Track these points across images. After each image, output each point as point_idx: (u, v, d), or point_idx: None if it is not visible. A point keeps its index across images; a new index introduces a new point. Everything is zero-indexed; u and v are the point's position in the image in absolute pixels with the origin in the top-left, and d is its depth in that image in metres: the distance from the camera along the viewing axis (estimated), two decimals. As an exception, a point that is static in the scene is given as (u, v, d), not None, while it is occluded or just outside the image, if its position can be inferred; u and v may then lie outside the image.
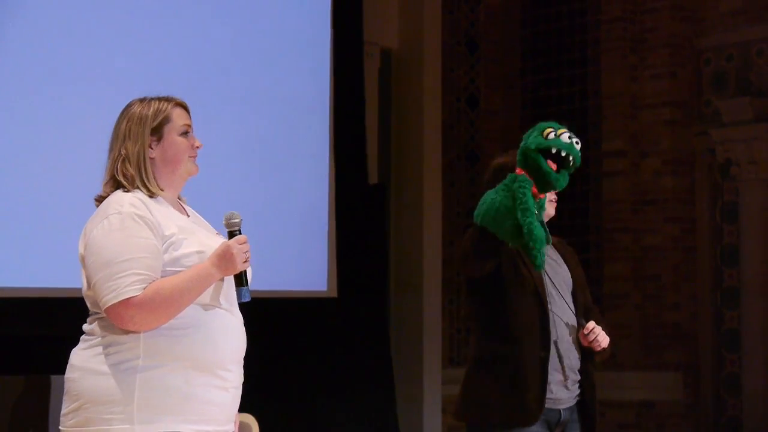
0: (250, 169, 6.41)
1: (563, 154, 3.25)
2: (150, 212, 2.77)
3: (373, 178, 7.54)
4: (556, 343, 3.62)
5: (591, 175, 8.05)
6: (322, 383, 6.84)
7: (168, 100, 2.91)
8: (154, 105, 2.88)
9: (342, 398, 6.79)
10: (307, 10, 6.89)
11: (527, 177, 3.23)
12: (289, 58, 6.73)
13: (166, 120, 2.87)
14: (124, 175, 2.81)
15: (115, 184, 2.83)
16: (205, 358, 2.75)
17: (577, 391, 3.69)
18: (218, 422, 2.80)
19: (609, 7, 7.95)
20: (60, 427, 2.79)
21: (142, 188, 2.81)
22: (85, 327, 2.81)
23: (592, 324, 3.63)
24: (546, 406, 3.60)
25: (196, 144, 2.92)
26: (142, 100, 2.90)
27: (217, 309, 2.80)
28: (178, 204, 2.94)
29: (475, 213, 3.31)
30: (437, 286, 7.86)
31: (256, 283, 3.07)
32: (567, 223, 8.08)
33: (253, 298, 2.97)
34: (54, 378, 5.11)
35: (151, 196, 2.81)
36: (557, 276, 3.73)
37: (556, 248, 3.81)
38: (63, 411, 2.77)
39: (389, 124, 8.10)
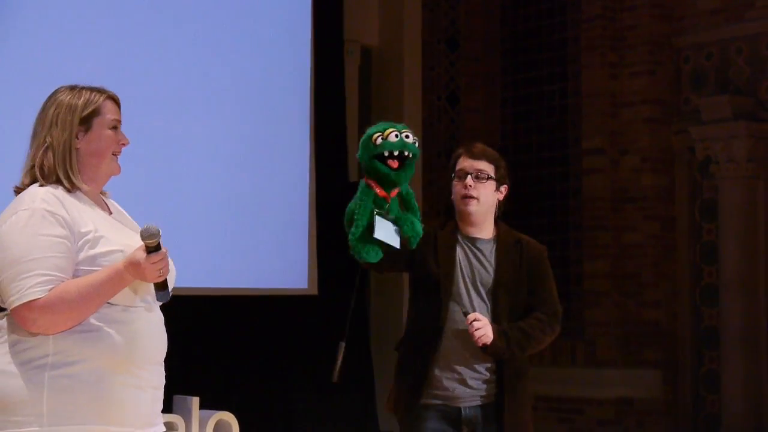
0: (231, 166, 6.39)
1: (396, 153, 3.28)
2: (64, 208, 2.62)
3: (353, 176, 7.53)
4: (452, 339, 3.66)
5: (571, 172, 8.07)
6: (302, 381, 6.84)
7: (100, 91, 2.76)
8: (85, 95, 2.74)
9: (322, 396, 6.79)
10: (287, 8, 6.88)
11: (367, 185, 3.35)
12: (270, 56, 6.72)
13: (96, 112, 2.72)
14: (45, 165, 2.67)
15: (34, 174, 2.68)
16: (120, 357, 2.59)
17: (485, 391, 3.69)
18: (135, 424, 2.64)
19: (589, 5, 7.96)
20: None
21: (64, 180, 2.66)
22: None
23: (473, 316, 3.62)
24: (442, 402, 3.67)
25: (123, 141, 2.76)
26: (72, 88, 2.76)
27: (135, 308, 2.65)
28: (101, 200, 2.79)
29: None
30: (417, 283, 7.85)
31: (239, 280, 3.05)
32: (547, 221, 8.10)
33: (235, 296, 2.94)
34: None
35: (70, 190, 2.67)
36: (475, 276, 3.74)
37: (500, 247, 3.78)
38: None
39: (369, 121, 8.08)
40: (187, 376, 5.62)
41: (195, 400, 5.11)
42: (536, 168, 8.25)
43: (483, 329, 3.60)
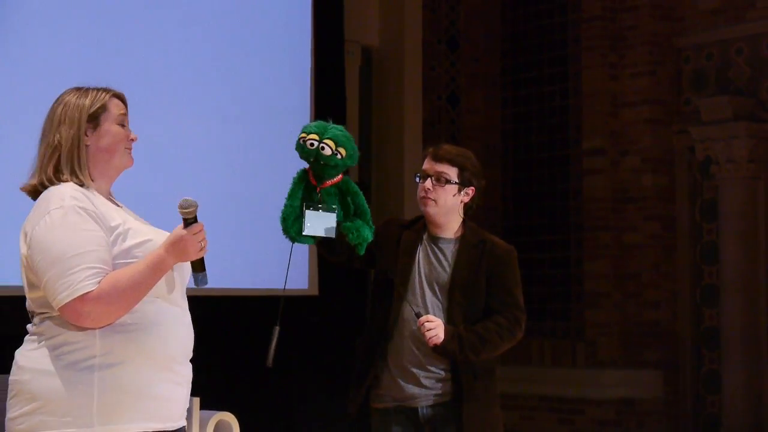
0: (231, 167, 6.39)
1: (322, 162, 3.36)
2: (93, 204, 2.67)
3: (353, 177, 7.53)
4: (404, 339, 3.67)
5: (571, 173, 8.07)
6: (302, 381, 6.84)
7: (106, 90, 2.82)
8: (92, 93, 2.80)
9: (323, 397, 6.78)
10: (287, 8, 6.88)
11: (305, 171, 3.46)
12: (270, 57, 6.72)
13: (103, 109, 2.78)
14: (55, 164, 2.71)
15: (44, 173, 2.71)
16: (161, 354, 2.67)
17: (442, 389, 3.68)
18: (173, 419, 2.73)
19: (589, 5, 7.97)
20: None
21: (72, 178, 2.70)
22: (32, 328, 2.71)
23: (425, 318, 3.60)
24: (399, 403, 3.68)
25: (132, 136, 2.82)
26: (78, 89, 2.81)
27: (169, 303, 2.73)
28: (110, 197, 2.83)
29: None
30: (418, 284, 7.85)
31: (239, 281, 3.06)
32: (547, 221, 8.10)
33: (235, 296, 2.95)
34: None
35: (81, 186, 2.70)
36: (432, 275, 3.73)
37: (462, 248, 3.77)
38: (11, 415, 2.66)
39: (370, 122, 8.10)
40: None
41: (195, 401, 5.11)
42: (536, 168, 8.25)
43: (435, 330, 3.58)
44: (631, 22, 7.86)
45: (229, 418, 5.25)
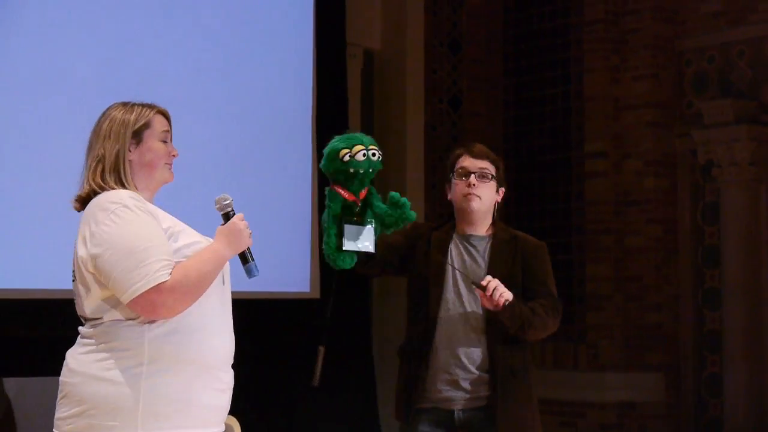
0: (233, 170, 6.40)
1: (361, 171, 3.26)
2: (146, 205, 2.78)
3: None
4: (444, 341, 3.65)
5: (573, 176, 8.07)
6: (304, 384, 6.83)
7: (150, 107, 2.92)
8: (137, 110, 2.89)
9: (324, 399, 6.79)
10: (289, 11, 6.89)
11: (333, 191, 3.30)
12: (272, 59, 6.72)
13: (147, 125, 2.88)
14: (102, 175, 2.81)
15: (96, 182, 2.82)
16: (207, 360, 2.78)
17: (480, 393, 3.66)
18: (213, 425, 2.84)
19: (591, 8, 7.97)
20: (54, 431, 2.76)
21: (119, 187, 2.81)
22: (84, 330, 2.79)
23: (487, 279, 3.55)
24: (433, 405, 3.64)
25: (173, 152, 2.93)
26: (124, 104, 2.91)
27: (215, 308, 2.84)
28: None
29: None
30: (419, 287, 7.85)
31: (240, 284, 3.07)
32: (549, 224, 8.10)
33: (235, 299, 2.98)
34: (49, 380, 4.93)
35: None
36: (468, 272, 3.71)
37: (495, 244, 3.76)
38: (60, 414, 2.75)
39: (372, 125, 8.10)
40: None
41: (197, 404, 5.12)
42: (539, 171, 8.25)
43: (499, 289, 3.52)
44: (633, 26, 7.86)
45: (231, 422, 5.25)
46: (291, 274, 6.70)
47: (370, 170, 3.29)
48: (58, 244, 5.30)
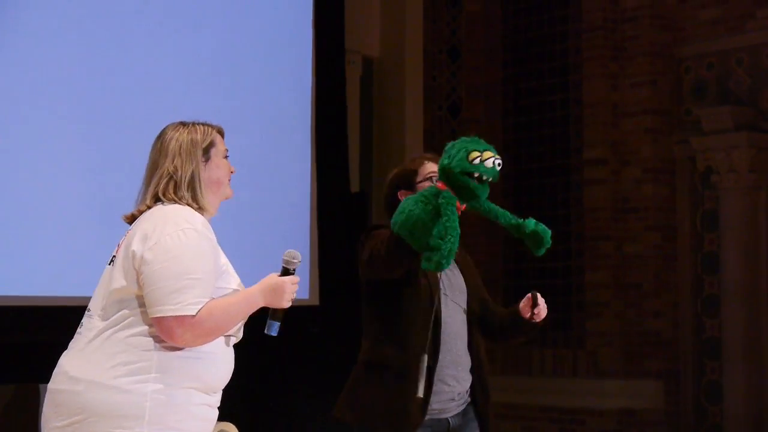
0: (233, 176, 6.39)
1: (484, 177, 3.22)
2: (213, 237, 2.84)
3: (354, 186, 7.53)
4: (446, 354, 3.62)
5: (572, 183, 8.07)
6: (302, 391, 6.83)
7: (210, 125, 3.01)
8: (200, 128, 2.97)
9: (323, 406, 6.77)
10: (289, 18, 6.89)
11: (451, 193, 3.19)
12: (271, 66, 6.72)
13: (213, 143, 2.98)
14: (176, 189, 2.86)
15: (165, 194, 2.86)
16: (209, 382, 2.82)
17: (467, 398, 3.68)
18: None
19: (590, 15, 7.97)
20: None
21: (192, 203, 2.87)
22: (83, 336, 2.78)
23: (538, 295, 3.61)
24: (431, 416, 3.59)
25: (232, 169, 3.07)
26: (184, 124, 2.97)
27: (231, 337, 2.89)
28: None
29: (392, 220, 3.28)
30: (419, 294, 7.84)
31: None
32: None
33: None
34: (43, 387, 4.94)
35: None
36: (452, 285, 3.71)
37: (461, 253, 3.77)
38: (58, 423, 2.72)
39: (371, 132, 8.10)
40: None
41: (196, 411, 5.11)
42: (537, 178, 8.26)
43: (544, 306, 3.62)
44: (631, 33, 7.87)
45: (230, 429, 5.25)
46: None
47: (490, 179, 3.25)
48: (50, 252, 5.31)
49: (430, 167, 3.71)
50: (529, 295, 3.64)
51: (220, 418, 5.47)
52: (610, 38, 7.93)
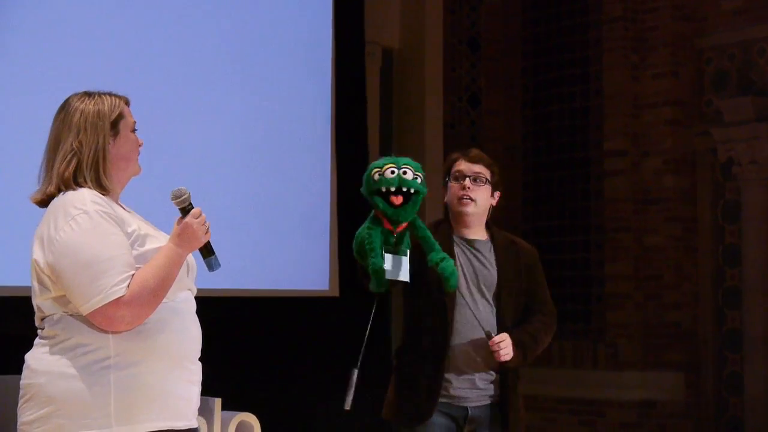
0: (252, 168, 6.41)
1: (393, 189, 3.34)
2: (112, 208, 2.67)
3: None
4: (462, 344, 3.67)
5: (592, 174, 8.06)
6: (323, 383, 6.84)
7: (117, 96, 2.79)
8: (107, 99, 2.76)
9: (343, 398, 6.79)
10: (308, 10, 6.89)
11: (378, 217, 3.39)
12: (291, 58, 6.73)
13: (121, 115, 2.76)
14: (76, 170, 2.69)
15: (62, 181, 2.69)
16: (175, 352, 2.68)
17: (492, 391, 3.73)
18: (187, 417, 2.74)
19: (610, 6, 7.95)
20: None
21: (93, 184, 2.69)
22: (42, 332, 2.69)
23: (499, 337, 3.64)
24: (448, 401, 3.68)
25: (140, 142, 2.82)
26: (89, 94, 2.77)
27: (181, 303, 2.74)
28: (119, 203, 2.82)
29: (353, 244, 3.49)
30: (438, 285, 7.85)
31: (260, 282, 3.07)
32: (568, 223, 8.08)
33: (256, 297, 2.97)
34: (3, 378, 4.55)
35: (102, 194, 2.70)
36: (479, 278, 3.76)
37: (498, 249, 3.82)
38: (25, 419, 2.64)
39: (390, 123, 8.10)
40: (209, 378, 5.64)
41: (217, 402, 5.12)
42: (557, 170, 8.24)
43: (506, 348, 3.64)
44: (652, 23, 7.84)
45: (251, 419, 5.26)
46: (310, 272, 6.70)
47: (405, 189, 3.36)
48: (9, 241, 5.27)
49: (458, 165, 3.88)
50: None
51: (240, 408, 5.50)
52: (631, 29, 7.90)
